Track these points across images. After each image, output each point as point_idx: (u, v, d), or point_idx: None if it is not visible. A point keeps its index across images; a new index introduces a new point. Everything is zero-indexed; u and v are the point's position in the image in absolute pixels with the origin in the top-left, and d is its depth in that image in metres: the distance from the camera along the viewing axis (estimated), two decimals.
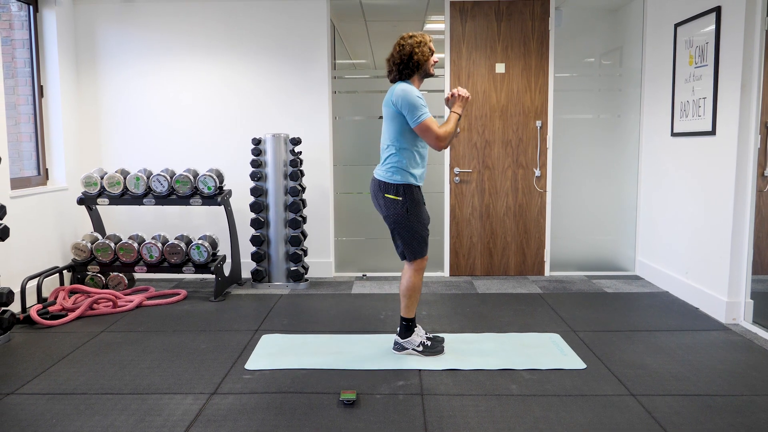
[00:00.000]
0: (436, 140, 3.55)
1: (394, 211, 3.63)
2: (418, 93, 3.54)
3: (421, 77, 3.67)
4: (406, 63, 3.58)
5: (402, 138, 3.59)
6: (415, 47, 3.57)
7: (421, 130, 3.52)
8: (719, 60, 4.51)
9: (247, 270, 5.90)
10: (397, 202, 3.60)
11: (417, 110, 3.49)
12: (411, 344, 3.82)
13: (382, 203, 3.67)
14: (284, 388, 3.37)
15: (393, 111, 3.56)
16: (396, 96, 3.52)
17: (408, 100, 3.48)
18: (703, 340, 4.10)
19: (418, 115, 3.49)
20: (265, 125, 5.88)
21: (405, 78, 3.63)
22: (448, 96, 3.77)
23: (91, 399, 3.24)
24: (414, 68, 3.59)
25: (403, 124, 3.56)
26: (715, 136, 4.57)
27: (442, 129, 3.57)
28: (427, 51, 3.61)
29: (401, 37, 3.63)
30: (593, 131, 6.06)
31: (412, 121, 3.51)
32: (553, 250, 6.11)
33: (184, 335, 4.28)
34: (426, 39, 3.62)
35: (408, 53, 3.57)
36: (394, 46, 3.65)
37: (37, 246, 5.19)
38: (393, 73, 3.66)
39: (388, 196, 3.62)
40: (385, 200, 3.64)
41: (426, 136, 3.54)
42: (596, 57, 6.11)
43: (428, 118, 3.51)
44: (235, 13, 5.80)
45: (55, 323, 4.51)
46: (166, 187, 5.29)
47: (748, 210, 4.33)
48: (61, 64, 5.57)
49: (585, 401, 3.18)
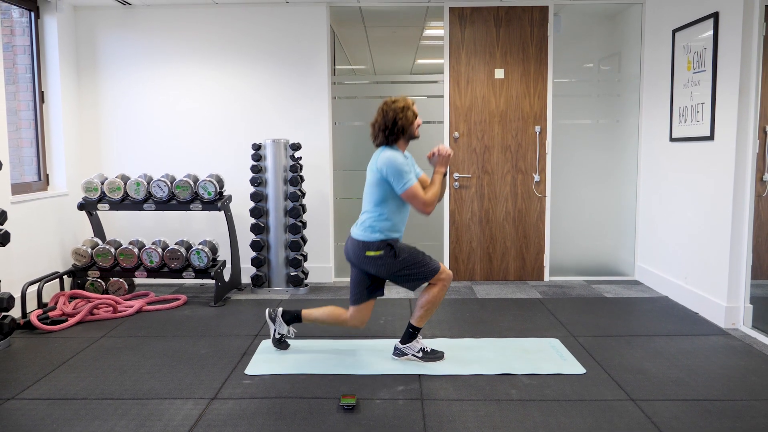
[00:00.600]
0: (424, 206, 3.58)
1: (382, 263, 3.63)
2: (402, 159, 3.57)
3: (407, 140, 3.71)
4: (390, 128, 3.61)
5: (386, 203, 3.62)
6: (398, 113, 3.61)
7: (408, 196, 3.56)
8: (717, 65, 4.53)
9: (247, 275, 5.91)
10: (381, 256, 3.61)
11: (402, 177, 3.52)
12: (411, 350, 3.83)
13: (365, 262, 3.66)
14: (284, 393, 3.38)
15: (378, 177, 3.58)
16: (381, 163, 3.55)
17: (394, 168, 3.52)
18: (703, 344, 4.11)
19: (404, 182, 3.52)
20: (265, 131, 5.90)
21: (391, 143, 3.66)
22: (429, 154, 3.78)
23: (92, 404, 3.25)
24: (399, 133, 3.63)
25: (388, 190, 3.59)
26: (714, 141, 4.59)
27: (428, 194, 3.59)
28: (410, 115, 3.65)
29: (384, 102, 3.68)
30: (592, 136, 6.07)
31: (398, 188, 3.54)
32: (552, 255, 6.11)
33: (184, 340, 4.29)
34: (409, 103, 3.67)
35: (392, 119, 3.61)
36: (378, 111, 3.69)
37: (37, 251, 5.20)
38: (379, 138, 3.68)
39: (370, 253, 3.62)
40: (368, 259, 3.63)
41: (413, 202, 3.58)
42: (595, 62, 6.13)
43: (414, 185, 3.55)
44: (236, 19, 5.83)
45: (55, 328, 4.51)
46: (166, 193, 5.30)
47: (747, 214, 4.35)
48: (62, 70, 5.59)
49: (585, 406, 3.18)
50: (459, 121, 5.94)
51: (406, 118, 3.62)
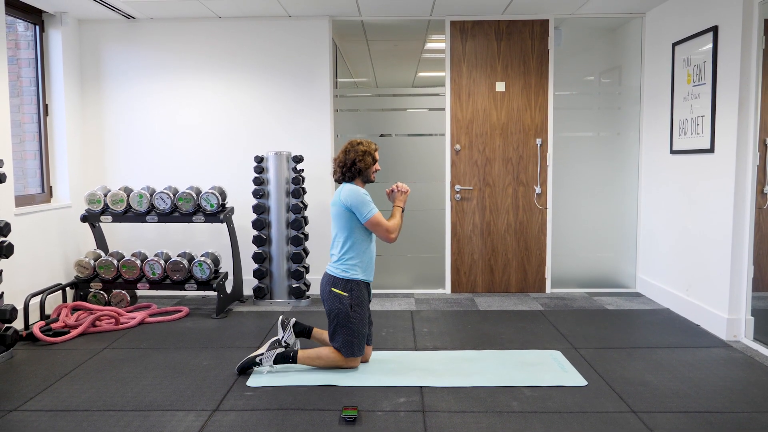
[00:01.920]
0: (386, 232, 3.81)
1: (337, 306, 3.76)
2: (364, 191, 3.80)
3: (363, 181, 3.93)
4: (349, 167, 3.86)
5: (353, 234, 3.80)
6: (359, 156, 3.84)
7: (371, 224, 3.77)
8: (717, 78, 4.56)
9: (249, 287, 5.92)
10: (343, 297, 3.74)
11: (365, 207, 3.75)
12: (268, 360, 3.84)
13: (328, 296, 3.80)
14: (286, 405, 3.38)
15: (342, 209, 3.78)
16: (345, 196, 3.77)
17: (357, 198, 3.75)
18: (704, 357, 4.11)
19: (366, 211, 3.75)
20: (268, 143, 5.93)
21: (348, 180, 3.88)
22: (388, 191, 4.05)
23: (94, 416, 3.25)
24: (356, 173, 3.86)
25: (352, 220, 3.78)
26: (714, 153, 4.61)
27: (391, 222, 3.84)
28: (369, 160, 3.87)
29: (349, 143, 3.92)
30: (593, 149, 6.10)
31: (362, 217, 3.76)
32: (554, 267, 6.12)
33: (186, 352, 4.29)
34: (371, 148, 3.90)
35: (351, 159, 3.85)
36: (341, 149, 3.93)
37: (40, 263, 5.22)
38: (337, 174, 3.92)
39: (335, 290, 3.77)
40: (330, 294, 3.78)
41: (376, 229, 3.80)
42: (595, 75, 6.16)
43: (376, 214, 3.77)
44: (239, 32, 5.87)
45: (57, 340, 4.52)
46: (169, 205, 5.32)
47: (748, 227, 4.36)
48: (66, 83, 5.63)
49: (586, 418, 3.18)
50: (460, 134, 5.96)
51: (364, 161, 3.85)
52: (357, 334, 3.78)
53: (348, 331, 3.76)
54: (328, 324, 3.86)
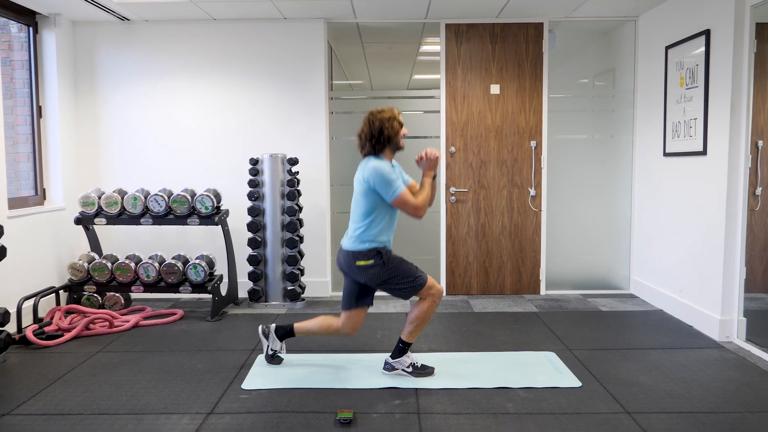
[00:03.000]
0: (415, 210, 3.61)
1: (372, 273, 3.64)
2: (389, 167, 3.59)
3: (393, 150, 3.72)
4: (377, 138, 3.63)
5: (375, 212, 3.63)
6: (384, 122, 3.63)
7: (398, 203, 3.58)
8: (709, 81, 4.59)
9: (244, 289, 5.92)
10: (370, 265, 3.63)
11: (391, 185, 3.54)
12: (401, 365, 3.83)
13: (356, 272, 3.68)
14: (281, 407, 3.38)
15: (365, 188, 3.60)
16: (368, 174, 3.56)
17: (381, 177, 3.53)
18: (697, 357, 4.13)
19: (392, 189, 3.54)
20: (263, 145, 5.93)
21: (377, 152, 3.67)
22: (417, 158, 3.81)
23: (88, 419, 3.25)
24: (385, 142, 3.65)
25: (376, 200, 3.61)
26: (707, 155, 4.63)
27: (419, 199, 3.63)
28: (396, 125, 3.66)
29: (370, 113, 3.70)
30: (587, 151, 6.12)
31: (387, 197, 3.56)
32: (548, 269, 6.14)
33: (181, 355, 4.29)
34: (395, 113, 3.69)
35: (378, 128, 3.62)
36: (363, 121, 3.70)
37: (33, 266, 5.20)
38: (365, 148, 3.69)
39: (360, 263, 3.64)
40: (359, 268, 3.65)
41: (404, 208, 3.60)
42: (589, 78, 6.19)
43: (403, 192, 3.56)
44: (234, 34, 5.87)
45: (51, 343, 4.50)
46: (163, 207, 5.31)
47: (740, 228, 4.38)
48: (59, 85, 5.62)
49: (580, 419, 3.20)
50: (455, 136, 5.98)
51: (392, 127, 3.64)
52: (407, 274, 3.65)
53: (398, 280, 3.64)
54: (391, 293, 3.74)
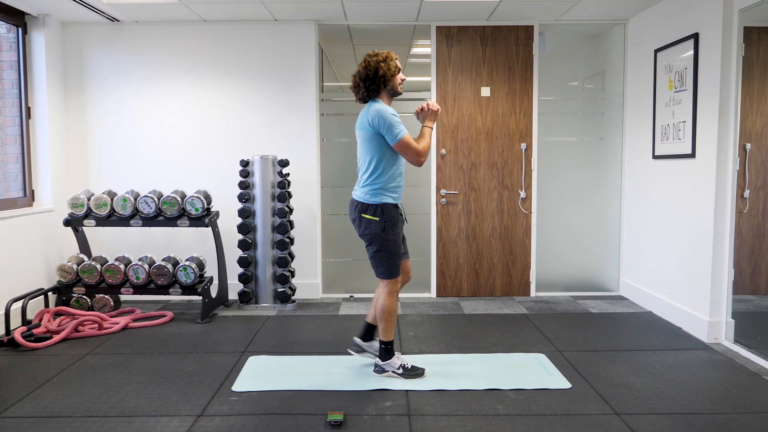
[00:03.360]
0: (417, 156, 3.61)
1: (370, 230, 3.64)
2: (392, 111, 3.59)
3: (390, 95, 3.71)
4: (372, 79, 3.61)
5: (382, 158, 3.61)
6: (381, 62, 3.61)
7: (400, 147, 3.57)
8: (698, 85, 4.62)
9: (234, 291, 5.90)
10: (374, 222, 3.63)
11: (394, 128, 3.54)
12: (391, 367, 3.84)
13: (358, 223, 3.70)
14: (271, 409, 3.37)
15: (370, 132, 3.59)
16: (371, 116, 3.55)
17: (385, 119, 3.53)
18: (686, 359, 4.15)
19: (396, 132, 3.54)
20: (254, 147, 5.92)
21: (373, 95, 3.66)
22: (418, 109, 3.83)
23: (77, 422, 3.23)
24: (381, 83, 3.63)
25: (381, 143, 3.59)
26: (695, 158, 4.66)
27: (420, 144, 3.64)
28: (393, 66, 3.65)
29: (367, 55, 3.68)
30: (577, 154, 6.15)
31: (390, 139, 3.55)
32: (538, 270, 6.16)
33: (171, 357, 4.27)
34: (392, 56, 3.67)
35: (374, 68, 3.61)
36: (359, 64, 3.68)
37: (22, 268, 5.17)
38: (361, 91, 3.67)
39: (365, 216, 3.64)
40: (362, 220, 3.66)
41: (406, 152, 3.60)
42: (579, 81, 6.22)
43: (406, 135, 3.57)
44: (224, 36, 5.86)
45: (39, 346, 4.48)
46: (153, 209, 5.29)
47: (728, 231, 4.42)
48: (49, 85, 5.59)
49: (570, 420, 3.21)
50: (446, 138, 5.99)
51: (388, 68, 3.62)
52: (394, 256, 3.68)
53: (386, 255, 3.66)
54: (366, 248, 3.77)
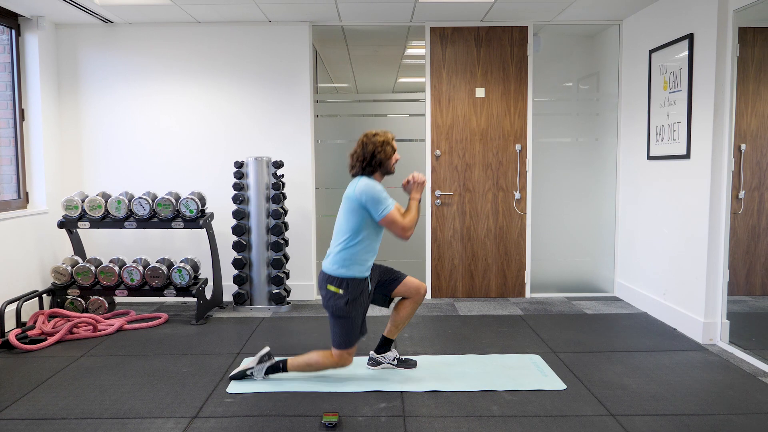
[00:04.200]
0: (403, 231, 3.61)
1: (333, 302, 3.63)
2: (380, 187, 3.61)
3: (383, 174, 3.74)
4: (369, 161, 3.65)
5: (362, 231, 3.62)
6: (378, 146, 3.64)
7: (386, 222, 3.58)
8: (693, 85, 4.63)
9: (228, 293, 5.89)
10: (338, 295, 3.62)
11: (381, 203, 3.55)
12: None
13: (324, 293, 3.68)
14: (266, 411, 3.37)
15: (355, 205, 3.60)
16: (360, 191, 3.57)
17: (373, 194, 3.55)
18: (681, 360, 4.15)
19: (382, 208, 3.55)
20: (248, 149, 5.91)
21: (367, 174, 3.69)
22: (404, 182, 3.84)
23: (71, 424, 3.21)
24: (376, 166, 3.66)
25: (364, 217, 3.60)
26: (690, 159, 4.67)
27: (406, 219, 3.64)
28: (389, 150, 3.68)
29: (365, 135, 3.71)
30: (572, 154, 6.16)
31: (377, 215, 3.56)
32: (533, 272, 6.16)
33: (165, 359, 4.26)
34: (389, 138, 3.71)
35: (371, 152, 3.64)
36: (357, 143, 3.72)
37: (16, 270, 5.15)
38: (356, 168, 3.70)
39: (330, 287, 3.64)
40: (327, 291, 3.66)
41: (392, 228, 3.61)
42: (574, 82, 6.23)
43: (392, 211, 3.58)
44: (218, 37, 5.85)
45: (34, 348, 4.46)
46: (147, 211, 5.28)
47: (723, 232, 4.42)
48: (42, 87, 5.57)
49: (565, 422, 3.21)
50: (441, 140, 5.99)
51: (384, 152, 3.65)
52: (352, 329, 3.67)
53: (344, 324, 3.65)
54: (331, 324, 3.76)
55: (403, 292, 3.88)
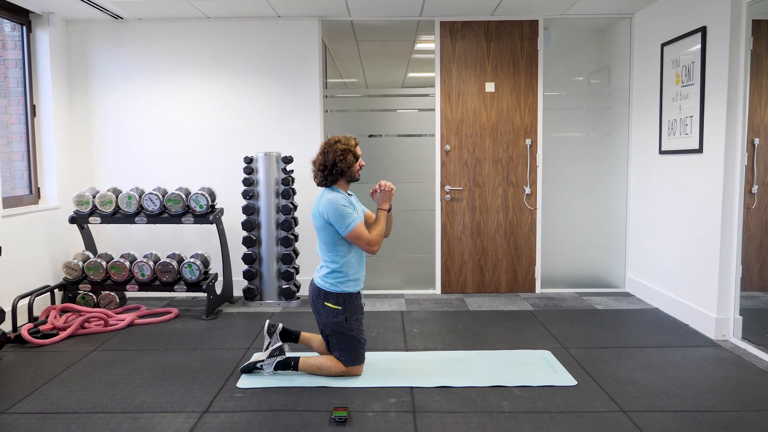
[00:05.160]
0: (368, 245, 3.60)
1: (333, 320, 3.64)
2: (344, 200, 3.57)
3: (347, 182, 3.71)
4: (330, 170, 3.62)
5: (338, 246, 3.62)
6: (338, 156, 3.61)
7: (352, 238, 3.57)
8: (705, 79, 4.59)
9: (238, 288, 5.91)
10: (337, 311, 3.63)
11: (345, 219, 3.53)
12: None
13: (321, 310, 3.68)
14: (276, 406, 3.37)
15: (322, 222, 3.60)
16: (323, 207, 3.57)
17: (335, 210, 3.53)
18: (693, 356, 4.13)
19: (347, 224, 3.53)
20: (257, 144, 5.91)
21: (330, 183, 3.66)
22: (371, 191, 3.80)
23: (83, 418, 3.23)
24: (338, 175, 3.64)
25: (334, 233, 3.60)
26: (703, 153, 4.63)
27: (372, 233, 3.62)
28: (351, 159, 3.64)
29: (326, 142, 3.68)
30: (582, 149, 6.12)
31: (342, 230, 3.55)
32: (543, 267, 6.14)
33: (176, 354, 4.27)
34: (351, 145, 3.66)
35: (331, 161, 3.61)
36: (319, 149, 3.70)
37: (28, 265, 5.18)
38: (318, 177, 3.68)
39: (328, 304, 3.64)
40: (325, 308, 3.66)
41: (358, 242, 3.59)
42: (585, 76, 6.18)
43: (357, 225, 3.55)
44: (228, 32, 5.86)
45: (46, 342, 4.49)
46: (158, 206, 5.30)
47: (736, 227, 4.38)
48: (53, 83, 5.60)
49: (576, 418, 3.19)
50: (450, 134, 5.97)
51: (345, 161, 3.62)
52: (358, 343, 3.70)
53: (348, 341, 3.67)
54: (320, 332, 3.79)
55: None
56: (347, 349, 3.69)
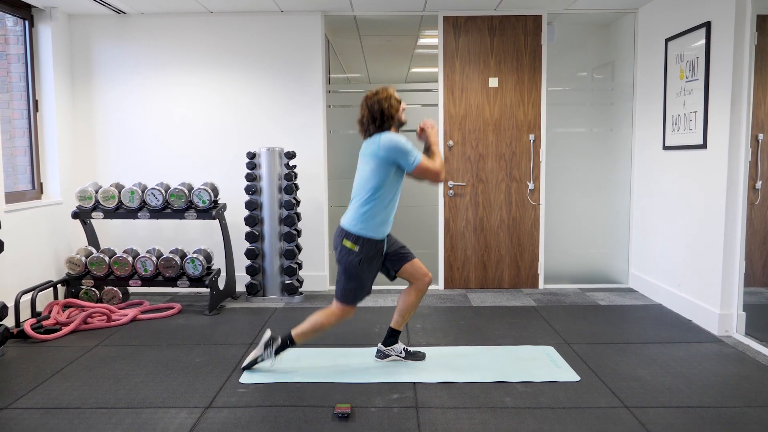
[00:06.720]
0: (437, 175, 3.63)
1: (347, 258, 3.64)
2: (403, 138, 3.59)
3: (397, 127, 3.71)
4: (380, 117, 3.62)
5: (381, 186, 3.60)
6: (383, 102, 3.62)
7: (420, 170, 3.58)
8: (710, 74, 4.57)
9: (241, 283, 5.91)
10: (353, 251, 3.62)
11: (410, 154, 3.55)
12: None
13: (338, 249, 3.69)
14: (279, 401, 3.37)
15: (380, 162, 3.57)
16: (383, 146, 3.54)
17: (399, 147, 3.53)
18: (696, 352, 4.12)
19: (413, 158, 3.55)
20: (260, 139, 5.91)
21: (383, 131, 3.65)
22: (418, 131, 3.83)
23: (86, 413, 3.24)
24: (389, 121, 3.64)
25: (387, 173, 3.58)
26: (707, 149, 4.62)
27: (437, 163, 3.64)
28: (395, 102, 3.66)
29: (366, 97, 3.69)
30: (586, 145, 6.10)
31: (408, 165, 3.56)
32: (546, 262, 6.13)
33: (179, 349, 4.28)
34: (390, 92, 3.68)
35: (379, 110, 3.61)
36: (361, 107, 3.69)
37: (31, 260, 5.18)
38: (370, 129, 3.67)
39: (346, 242, 3.64)
40: (342, 246, 3.66)
41: (426, 174, 3.61)
42: (588, 71, 6.16)
43: (423, 158, 3.58)
44: (230, 27, 5.84)
45: (49, 337, 4.49)
46: (160, 201, 5.29)
47: (740, 223, 4.37)
48: (56, 78, 5.59)
49: (579, 413, 3.19)
50: (453, 130, 5.96)
51: (391, 105, 3.63)
52: (360, 288, 3.70)
53: (353, 280, 3.67)
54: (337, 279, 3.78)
55: (409, 272, 3.84)
56: (348, 287, 3.69)
